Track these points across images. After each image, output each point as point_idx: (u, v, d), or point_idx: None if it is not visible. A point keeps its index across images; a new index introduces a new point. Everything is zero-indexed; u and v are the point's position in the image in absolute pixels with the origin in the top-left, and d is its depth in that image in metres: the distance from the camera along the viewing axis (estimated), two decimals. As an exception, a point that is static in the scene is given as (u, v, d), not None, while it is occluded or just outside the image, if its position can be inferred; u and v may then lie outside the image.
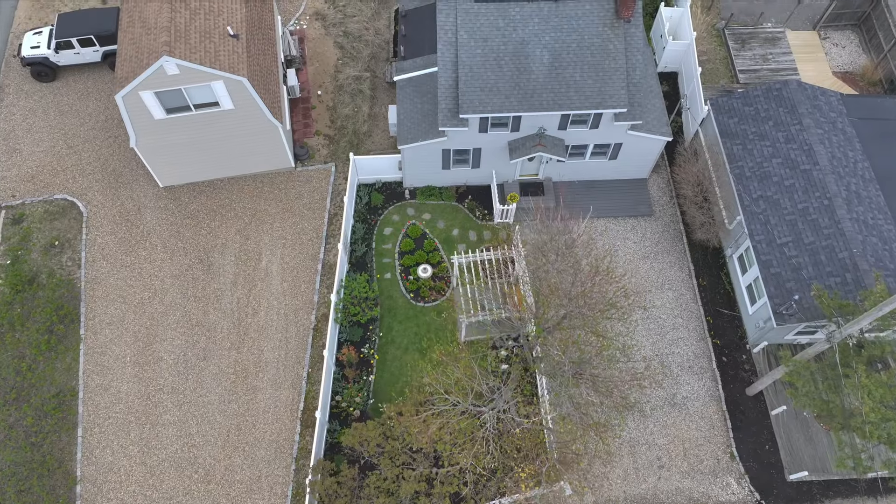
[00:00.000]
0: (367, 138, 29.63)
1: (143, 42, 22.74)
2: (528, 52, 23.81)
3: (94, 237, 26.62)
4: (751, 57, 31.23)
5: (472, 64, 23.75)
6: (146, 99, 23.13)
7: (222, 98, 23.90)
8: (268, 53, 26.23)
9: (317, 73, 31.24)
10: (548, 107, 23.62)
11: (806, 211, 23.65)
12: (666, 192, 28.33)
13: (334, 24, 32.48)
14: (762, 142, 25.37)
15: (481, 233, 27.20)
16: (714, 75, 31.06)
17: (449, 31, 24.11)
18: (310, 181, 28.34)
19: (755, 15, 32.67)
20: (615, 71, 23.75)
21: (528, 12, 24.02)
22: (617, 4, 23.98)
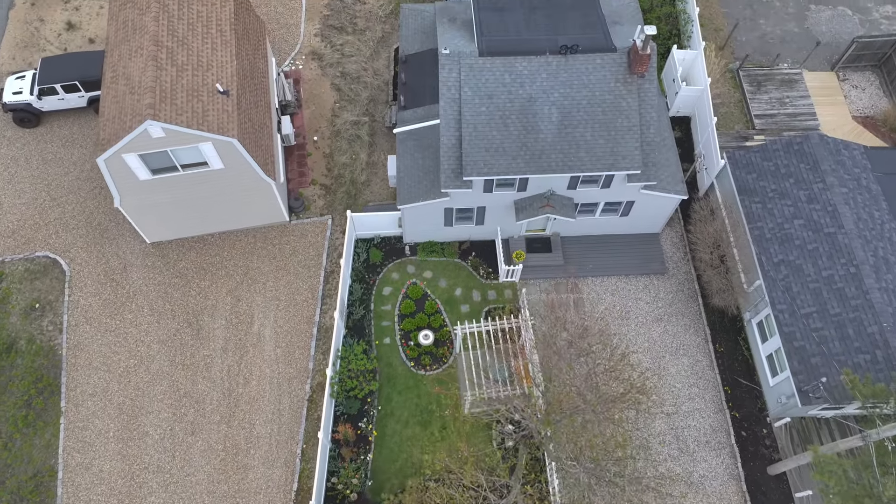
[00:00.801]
0: (365, 188, 28.25)
1: (127, 102, 21.35)
2: (535, 110, 22.43)
3: (77, 299, 25.22)
4: (767, 100, 29.85)
5: (476, 122, 22.37)
6: (130, 161, 21.75)
7: (211, 158, 22.52)
8: (261, 104, 24.86)
9: (313, 116, 29.87)
10: (557, 168, 22.24)
11: (831, 279, 22.26)
12: (679, 248, 26.94)
13: (331, 64, 31.10)
14: (783, 200, 23.98)
15: (485, 292, 25.80)
16: (728, 120, 29.67)
17: (452, 87, 22.73)
18: (305, 235, 26.95)
19: (771, 55, 31.29)
20: (628, 130, 22.37)
21: (535, 67, 22.64)
22: (630, 59, 22.61)
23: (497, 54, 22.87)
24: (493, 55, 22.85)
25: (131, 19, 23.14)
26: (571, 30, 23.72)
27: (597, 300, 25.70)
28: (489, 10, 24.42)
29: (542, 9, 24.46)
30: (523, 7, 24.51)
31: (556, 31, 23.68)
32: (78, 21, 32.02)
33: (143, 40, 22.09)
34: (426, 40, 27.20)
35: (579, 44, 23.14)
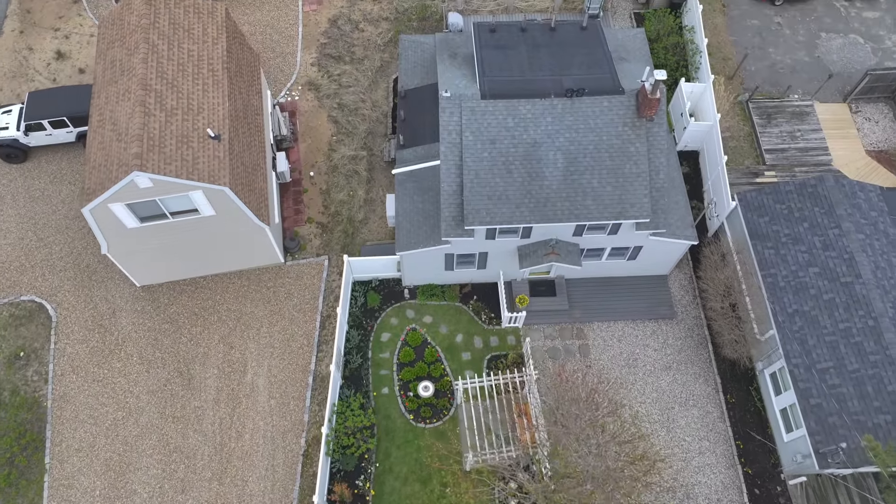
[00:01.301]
0: (363, 226, 27.32)
1: (113, 149, 20.43)
2: (540, 156, 21.51)
3: (64, 346, 24.29)
4: (777, 134, 28.92)
5: (478, 169, 21.45)
6: (116, 210, 20.84)
7: (202, 206, 21.60)
8: (254, 144, 23.95)
9: (309, 150, 28.95)
10: (562, 217, 21.32)
11: (849, 332, 21.34)
12: (689, 291, 26.00)
13: (328, 95, 30.19)
14: (797, 246, 23.07)
15: (487, 339, 24.87)
16: (738, 154, 28.74)
17: (453, 131, 21.81)
18: (301, 278, 26.02)
19: (781, 86, 30.37)
20: (637, 176, 21.45)
21: (540, 110, 21.73)
22: (638, 102, 21.70)
23: (500, 96, 21.97)
24: (496, 97, 21.94)
25: (119, 59, 22.24)
26: (577, 69, 22.83)
27: (603, 347, 24.77)
28: (491, 47, 23.53)
29: (546, 46, 23.57)
30: (526, 44, 23.62)
31: (560, 70, 22.79)
32: (68, 50, 31.12)
33: (131, 83, 21.19)
34: (426, 74, 26.31)
35: (585, 84, 22.24)
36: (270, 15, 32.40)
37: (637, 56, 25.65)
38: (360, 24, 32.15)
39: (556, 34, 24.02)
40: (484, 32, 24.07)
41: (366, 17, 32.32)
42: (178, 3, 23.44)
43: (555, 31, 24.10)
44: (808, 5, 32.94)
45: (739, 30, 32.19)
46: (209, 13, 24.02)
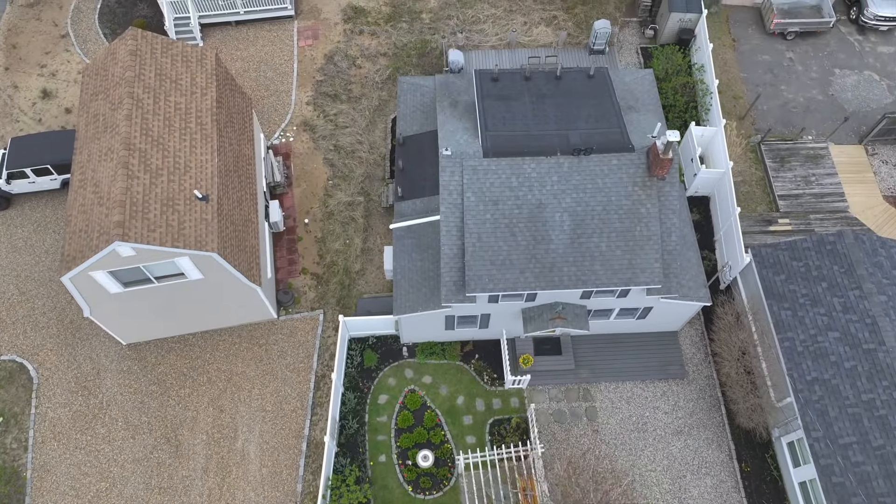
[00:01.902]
0: (359, 277, 26.18)
1: (94, 214, 19.31)
2: (546, 217, 20.39)
3: (45, 410, 23.16)
4: (791, 178, 27.78)
5: (480, 232, 20.33)
6: (98, 277, 19.71)
7: (189, 270, 20.49)
8: (245, 199, 22.83)
9: (304, 195, 27.82)
10: (569, 284, 20.18)
11: (872, 404, 20.20)
12: (700, 348, 24.86)
13: (324, 136, 29.07)
14: (815, 308, 21.93)
15: (490, 401, 23.72)
16: (750, 200, 27.61)
17: (454, 191, 20.69)
18: (294, 334, 24.89)
19: (794, 126, 29.25)
20: (648, 240, 20.32)
21: (545, 169, 20.61)
22: (649, 160, 20.58)
23: (503, 153, 20.85)
24: (499, 154, 20.83)
25: (102, 114, 21.13)
26: (584, 122, 21.72)
27: (611, 410, 23.63)
28: (494, 98, 22.42)
29: (551, 97, 22.46)
30: (530, 95, 22.51)
31: (567, 123, 21.69)
32: (54, 89, 30.04)
33: (114, 142, 20.07)
34: (426, 120, 25.21)
35: (593, 140, 21.14)
36: (265, 50, 31.31)
37: (646, 102, 24.53)
38: (358, 60, 31.06)
39: (562, 83, 22.91)
40: (486, 81, 22.97)
41: (363, 53, 31.23)
42: (166, 52, 22.34)
43: (560, 80, 23.00)
44: (821, 40, 31.83)
45: (750, 66, 31.07)
46: (198, 61, 22.91)
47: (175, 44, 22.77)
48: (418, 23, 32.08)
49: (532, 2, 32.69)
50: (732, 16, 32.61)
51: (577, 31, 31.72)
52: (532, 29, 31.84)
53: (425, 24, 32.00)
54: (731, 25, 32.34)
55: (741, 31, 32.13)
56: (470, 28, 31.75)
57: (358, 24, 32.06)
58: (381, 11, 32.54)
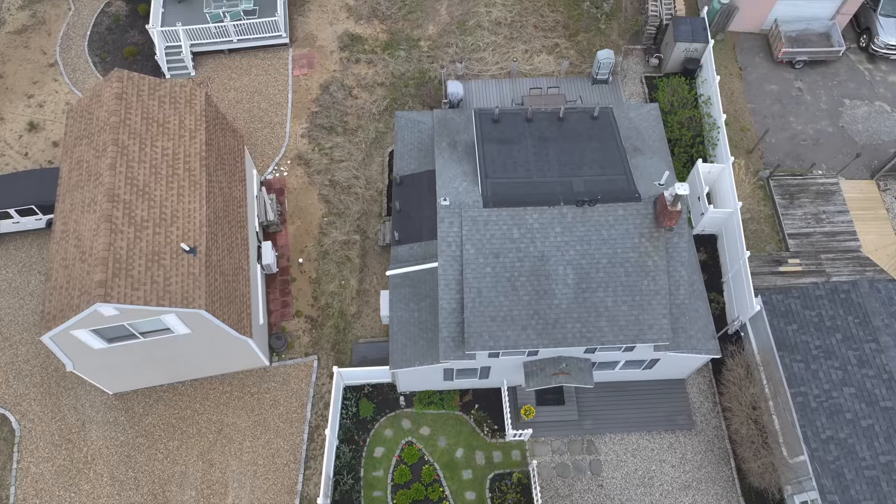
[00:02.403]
0: (355, 320, 25.30)
1: (76, 270, 18.43)
2: (549, 271, 19.51)
3: (28, 465, 22.27)
4: (801, 216, 26.91)
5: (480, 286, 19.45)
6: (80, 336, 18.84)
7: (176, 326, 19.61)
8: (236, 245, 21.96)
9: (298, 233, 26.95)
10: (573, 341, 19.30)
11: (891, 466, 19.32)
12: (708, 397, 23.97)
13: (319, 171, 28.19)
14: (829, 361, 21.06)
15: (490, 454, 22.83)
16: (759, 238, 26.73)
17: (452, 243, 19.81)
18: (287, 381, 24.00)
19: (803, 160, 28.38)
20: (655, 294, 19.45)
21: (548, 219, 19.74)
22: (657, 211, 19.71)
23: (504, 202, 19.98)
24: (500, 204, 19.96)
25: (86, 160, 20.26)
26: (588, 168, 20.86)
27: (616, 463, 22.74)
28: (494, 141, 21.56)
29: (554, 140, 21.60)
30: (532, 137, 21.66)
31: (571, 169, 20.82)
32: (41, 121, 29.17)
33: (97, 193, 19.20)
34: (424, 158, 24.37)
35: (597, 187, 20.29)
36: (259, 80, 30.44)
37: (652, 141, 23.72)
38: (354, 91, 30.19)
39: (565, 124, 22.06)
40: (486, 123, 22.11)
41: (360, 83, 30.36)
42: (153, 93, 21.48)
43: (563, 121, 22.14)
44: (830, 69, 30.97)
45: (758, 96, 30.20)
46: (187, 102, 22.04)
47: (163, 84, 21.91)
48: (416, 51, 31.22)
49: (533, 29, 31.84)
50: (739, 43, 31.75)
51: (580, 60, 30.87)
52: (533, 57, 30.98)
53: (424, 53, 31.14)
54: (738, 53, 31.47)
55: (748, 59, 31.27)
56: (469, 56, 30.90)
57: (354, 52, 31.20)
58: (378, 39, 31.69)
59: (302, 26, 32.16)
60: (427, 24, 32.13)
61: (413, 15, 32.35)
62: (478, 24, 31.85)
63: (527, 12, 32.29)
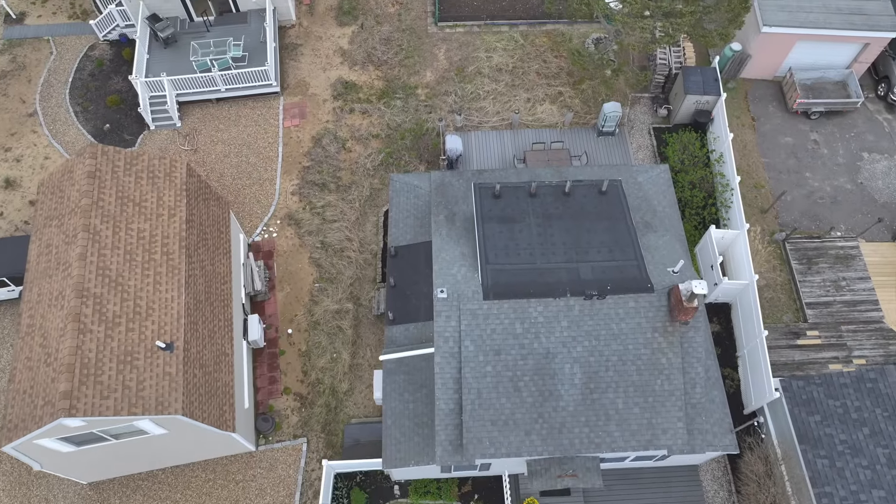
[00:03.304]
0: (347, 398, 23.84)
1: (40, 374, 16.97)
2: (554, 370, 18.04)
3: (-5, 565, 20.87)
4: (820, 283, 25.43)
5: (480, 387, 17.97)
6: (46, 444, 17.37)
7: (151, 429, 18.15)
8: (218, 329, 20.51)
9: (288, 301, 25.48)
10: (580, 447, 17.82)
11: (924, 582, 17.88)
12: (723, 485, 22.47)
13: (311, 231, 26.73)
14: (856, 459, 19.59)
15: (491, 550, 21.40)
16: (775, 307, 25.25)
17: (450, 338, 18.34)
18: (274, 467, 22.53)
19: (821, 221, 26.91)
20: (670, 395, 17.98)
21: (553, 313, 18.27)
22: (671, 304, 18.25)
23: (505, 292, 18.51)
24: (501, 294, 18.48)
25: (56, 245, 18.81)
26: (596, 252, 19.38)
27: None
28: (495, 220, 20.09)
29: (559, 218, 20.13)
30: (536, 215, 20.19)
31: (577, 253, 19.32)
32: (18, 177, 27.75)
33: (66, 286, 17.74)
34: (420, 227, 22.90)
35: (606, 274, 18.82)
36: (248, 131, 29.00)
37: (663, 208, 22.29)
38: (348, 143, 28.74)
39: (571, 201, 20.60)
40: (486, 198, 20.65)
41: (354, 135, 28.91)
42: (129, 169, 20.03)
43: (569, 197, 20.68)
44: (847, 119, 29.52)
45: (772, 149, 28.74)
46: (166, 175, 20.60)
47: (141, 157, 20.46)
48: (413, 99, 29.78)
49: (536, 76, 30.39)
50: (752, 91, 30.30)
51: (585, 109, 29.42)
52: (536, 106, 29.53)
53: (421, 102, 29.70)
54: (751, 102, 30.03)
55: (761, 109, 29.82)
56: (469, 106, 29.46)
57: (348, 100, 29.76)
58: (373, 86, 30.25)
59: (294, 72, 30.74)
60: (424, 70, 30.70)
61: (410, 60, 30.92)
62: (478, 71, 30.43)
63: (529, 58, 30.86)
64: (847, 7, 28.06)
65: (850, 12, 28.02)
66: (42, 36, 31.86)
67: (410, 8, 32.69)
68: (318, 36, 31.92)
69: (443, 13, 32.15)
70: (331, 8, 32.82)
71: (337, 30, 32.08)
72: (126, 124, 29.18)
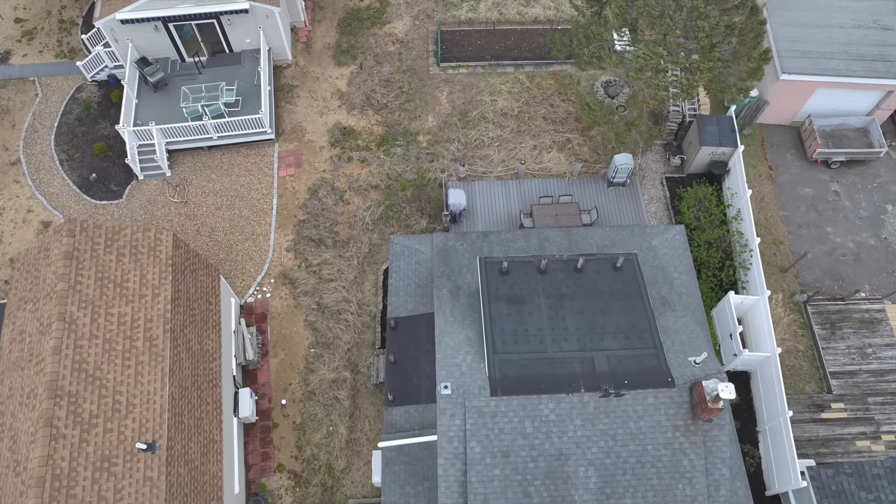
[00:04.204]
0: (344, 476, 22.48)
1: (8, 484, 15.61)
2: (567, 473, 16.68)
3: None
4: (844, 351, 24.07)
5: (486, 492, 16.61)
6: (16, 557, 16.01)
7: (130, 536, 16.77)
8: (206, 416, 19.14)
9: (282, 368, 24.13)
10: (597, 559, 16.49)
11: None
12: (745, 575, 21.13)
13: (306, 291, 25.37)
14: (890, 560, 18.24)
15: None
16: (796, 376, 23.89)
17: (454, 438, 16.98)
18: (267, 555, 21.21)
19: (844, 280, 25.55)
20: (692, 501, 16.61)
21: (566, 410, 16.91)
22: (693, 400, 16.89)
23: (514, 387, 17.16)
24: (509, 389, 17.14)
25: (29, 332, 17.46)
26: (612, 338, 18.04)
27: None
28: (503, 301, 18.74)
29: (572, 298, 18.79)
30: (546, 295, 18.84)
31: (591, 341, 17.99)
32: (-1, 232, 26.44)
33: (38, 383, 16.39)
34: (422, 297, 21.57)
35: (623, 364, 17.48)
36: (241, 181, 27.66)
37: (681, 285, 20.93)
38: (346, 195, 27.39)
39: (584, 277, 19.26)
40: (493, 275, 19.31)
41: (352, 185, 27.57)
42: (110, 246, 18.68)
43: (582, 273, 19.34)
44: (869, 168, 28.18)
45: (791, 201, 27.38)
46: (150, 251, 19.25)
47: (123, 232, 19.12)
48: (415, 147, 28.44)
49: (542, 121, 29.06)
50: (768, 137, 28.96)
51: (594, 157, 28.11)
52: (543, 154, 28.20)
53: (422, 149, 28.36)
54: (768, 149, 28.69)
55: (779, 157, 28.48)
56: (473, 154, 28.12)
57: (346, 148, 28.43)
58: (372, 132, 28.91)
59: (289, 116, 29.42)
60: (426, 114, 29.37)
61: (411, 104, 29.59)
62: (482, 116, 29.10)
63: (535, 101, 29.55)
64: (870, 53, 26.73)
65: (872, 59, 26.69)
66: (27, 77, 30.54)
67: (411, 47, 31.39)
68: (315, 76, 30.60)
69: (445, 53, 30.83)
70: (329, 46, 31.53)
71: (335, 70, 30.77)
72: (113, 174, 27.85)
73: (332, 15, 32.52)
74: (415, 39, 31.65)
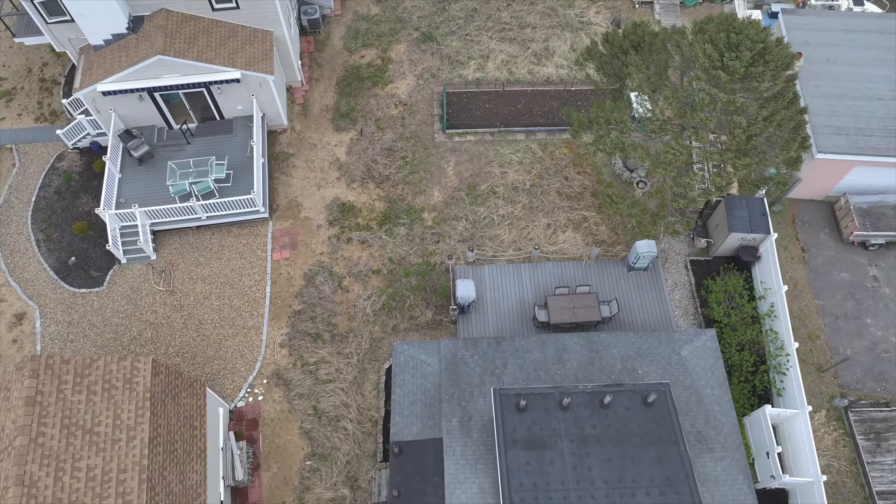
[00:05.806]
0: None
1: None
2: None
3: None
4: (892, 466, 22.00)
5: None
6: None
7: None
8: (188, 567, 17.06)
9: (274, 483, 22.04)
10: None
11: None
12: None
13: (301, 394, 23.30)
14: None
15: None
16: (840, 498, 21.78)
17: None
18: None
19: (887, 380, 23.49)
20: None
21: (595, 589, 14.83)
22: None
23: (536, 556, 15.12)
24: (530, 560, 15.09)
25: None
26: (644, 493, 15.97)
27: None
28: (521, 446, 16.66)
29: (597, 441, 16.71)
30: (569, 438, 16.76)
31: (621, 492, 15.94)
32: (-31, 322, 24.37)
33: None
34: (428, 418, 19.58)
35: (658, 527, 15.40)
36: (231, 266, 25.58)
37: (715, 401, 18.88)
38: (345, 281, 25.32)
39: (611, 415, 17.18)
40: (510, 413, 17.23)
41: (351, 270, 25.49)
42: (79, 384, 16.60)
43: (608, 409, 17.27)
44: (910, 250, 26.15)
45: (825, 288, 25.30)
46: (125, 384, 17.16)
47: (95, 364, 17.05)
48: (419, 226, 26.38)
49: (556, 196, 27.00)
50: (800, 214, 26.90)
51: (613, 237, 26.05)
52: (557, 234, 26.14)
53: (428, 228, 26.29)
54: (799, 227, 26.62)
55: (811, 237, 26.41)
56: (482, 234, 26.06)
57: (346, 227, 26.36)
58: (373, 209, 26.85)
59: (285, 189, 27.37)
60: (431, 188, 27.31)
61: (415, 176, 27.54)
62: (491, 190, 27.06)
63: (548, 173, 27.51)
64: (912, 130, 24.70)
65: (915, 135, 24.65)
66: (4, 144, 28.52)
67: (415, 110, 29.35)
68: (312, 143, 28.56)
69: (451, 118, 28.77)
70: (327, 108, 29.49)
71: (333, 136, 28.73)
72: (94, 257, 25.79)
73: (330, 73, 30.50)
74: (419, 101, 29.61)
